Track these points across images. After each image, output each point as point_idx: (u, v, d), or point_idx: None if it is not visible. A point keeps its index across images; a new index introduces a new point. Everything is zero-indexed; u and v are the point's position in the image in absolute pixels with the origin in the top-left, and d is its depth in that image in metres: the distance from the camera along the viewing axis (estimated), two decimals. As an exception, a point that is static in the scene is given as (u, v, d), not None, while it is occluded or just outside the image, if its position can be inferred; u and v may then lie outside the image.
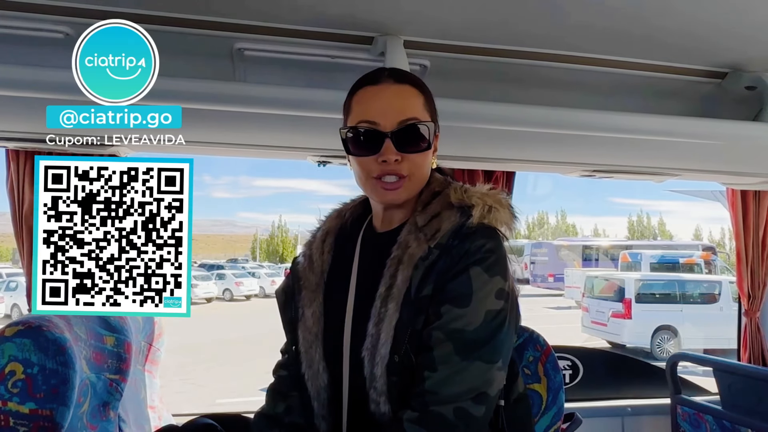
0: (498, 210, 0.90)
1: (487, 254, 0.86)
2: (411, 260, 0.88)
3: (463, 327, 0.83)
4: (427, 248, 0.87)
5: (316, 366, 0.94)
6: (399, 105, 0.90)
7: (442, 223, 0.89)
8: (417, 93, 0.92)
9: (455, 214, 0.90)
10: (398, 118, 0.89)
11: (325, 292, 0.97)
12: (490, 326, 0.84)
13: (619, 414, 2.35)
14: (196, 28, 1.45)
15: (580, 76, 1.71)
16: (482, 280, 0.85)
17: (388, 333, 0.86)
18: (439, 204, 0.92)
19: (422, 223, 0.90)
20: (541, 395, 1.38)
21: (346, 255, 0.98)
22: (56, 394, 1.06)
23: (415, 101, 0.92)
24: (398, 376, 0.86)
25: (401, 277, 0.87)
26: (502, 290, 0.86)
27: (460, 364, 0.82)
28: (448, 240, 0.87)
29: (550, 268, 18.96)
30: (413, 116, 0.90)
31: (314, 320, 0.95)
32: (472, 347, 0.83)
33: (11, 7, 1.36)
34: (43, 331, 1.08)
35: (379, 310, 0.88)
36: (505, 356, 0.87)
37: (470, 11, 1.40)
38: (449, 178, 0.99)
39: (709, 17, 1.43)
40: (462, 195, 0.92)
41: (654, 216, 43.58)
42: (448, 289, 0.85)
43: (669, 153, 1.82)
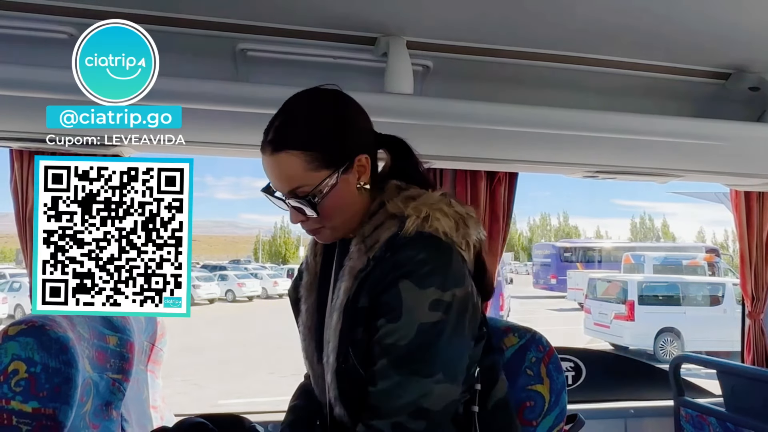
0: (439, 219, 0.88)
1: (418, 266, 0.84)
2: (351, 272, 0.89)
3: (395, 342, 0.83)
4: (366, 259, 0.88)
5: (311, 356, 0.99)
6: (281, 176, 0.89)
7: (381, 234, 0.89)
8: (296, 156, 0.88)
9: (395, 224, 0.88)
10: (286, 188, 0.90)
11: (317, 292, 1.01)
12: (424, 339, 0.83)
13: (622, 416, 2.34)
14: (199, 29, 1.45)
15: (583, 77, 1.71)
16: (413, 293, 0.83)
17: (334, 341, 0.89)
18: (383, 214, 0.91)
19: (367, 234, 0.90)
20: (543, 396, 1.37)
21: (330, 258, 1.00)
22: (59, 393, 1.06)
23: (295, 166, 0.88)
24: (347, 384, 0.88)
25: (343, 288, 0.89)
26: (438, 301, 0.84)
27: (395, 378, 0.82)
28: (382, 251, 0.87)
29: (552, 270, 18.92)
30: (296, 185, 0.88)
31: (308, 315, 1.00)
32: (407, 361, 0.83)
33: (16, 8, 1.37)
34: (46, 330, 1.08)
35: (329, 318, 0.92)
36: (449, 368, 0.85)
37: (473, 12, 1.40)
38: (407, 185, 0.96)
39: (713, 19, 1.43)
40: (400, 205, 0.90)
41: (657, 218, 43.47)
42: (381, 303, 0.85)
43: (672, 154, 1.82)
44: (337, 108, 0.93)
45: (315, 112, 0.92)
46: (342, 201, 0.90)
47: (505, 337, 1.34)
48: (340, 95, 0.96)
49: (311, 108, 0.92)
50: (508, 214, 2.23)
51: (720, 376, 2.21)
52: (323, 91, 0.95)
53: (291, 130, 0.90)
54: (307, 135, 0.89)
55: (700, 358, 2.55)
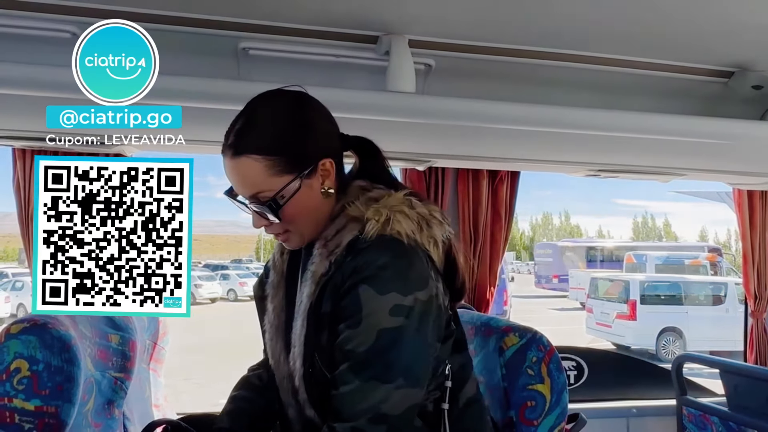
0: (400, 221, 0.86)
1: (378, 270, 0.83)
2: (314, 277, 0.88)
3: (354, 348, 0.83)
4: (328, 264, 0.87)
5: (277, 356, 0.97)
6: (242, 181, 0.88)
7: (342, 238, 0.87)
8: (257, 161, 0.86)
9: (356, 228, 0.87)
10: (247, 193, 0.88)
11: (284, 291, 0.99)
12: (383, 344, 0.82)
13: (624, 415, 2.34)
14: (201, 28, 1.45)
15: (585, 76, 1.71)
16: (372, 299, 0.82)
17: (300, 346, 0.89)
18: (344, 217, 0.89)
19: (329, 237, 0.89)
20: (544, 396, 1.37)
21: (297, 258, 0.99)
22: (61, 391, 1.07)
23: (257, 171, 0.86)
24: (315, 387, 0.88)
25: (306, 293, 0.89)
26: (400, 306, 0.83)
27: (354, 383, 0.82)
28: (342, 255, 0.86)
29: (554, 269, 18.89)
30: (257, 190, 0.87)
31: (275, 315, 0.98)
32: (365, 367, 0.82)
33: (18, 7, 1.37)
34: (49, 329, 1.08)
35: (294, 323, 0.91)
36: (411, 373, 0.84)
37: (475, 10, 1.40)
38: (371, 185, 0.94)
39: (716, 17, 1.43)
40: (361, 207, 0.88)
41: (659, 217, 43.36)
42: (341, 308, 0.85)
43: (675, 152, 1.81)
44: (301, 111, 0.91)
45: (277, 116, 0.89)
46: (305, 206, 0.89)
47: (505, 337, 1.34)
48: (304, 97, 0.93)
49: (274, 111, 0.90)
50: (510, 213, 2.23)
51: (722, 376, 2.20)
52: (286, 93, 0.93)
53: (252, 134, 0.87)
54: (268, 139, 0.87)
55: (702, 357, 2.55)
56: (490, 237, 2.19)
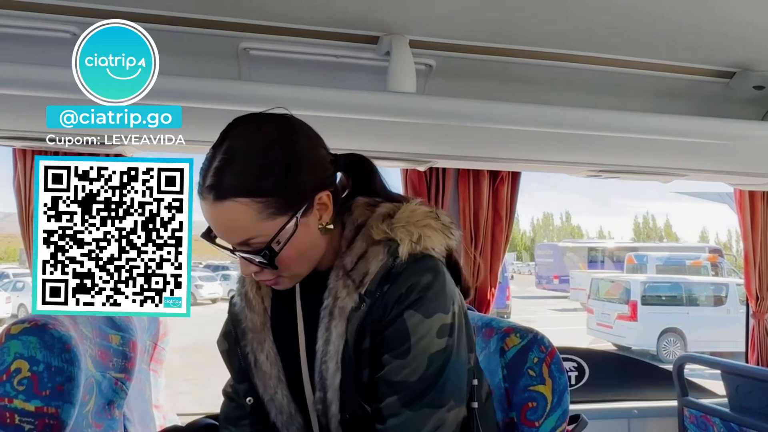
0: (429, 236, 0.82)
1: (422, 293, 0.79)
2: (342, 313, 0.80)
3: (405, 378, 0.78)
4: (358, 297, 0.80)
5: (286, 410, 0.88)
6: (228, 227, 0.78)
7: (369, 265, 0.80)
8: (245, 205, 0.76)
9: (382, 251, 0.80)
10: (236, 240, 0.79)
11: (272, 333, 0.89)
12: (434, 371, 0.79)
13: (626, 416, 2.33)
14: (201, 28, 1.45)
15: (586, 76, 1.70)
16: (419, 325, 0.78)
17: (334, 393, 0.81)
18: (363, 240, 0.82)
19: (350, 267, 0.81)
20: (545, 397, 1.36)
21: (287, 293, 0.89)
22: (62, 391, 1.07)
23: (245, 216, 0.76)
24: (353, 428, 0.82)
25: (336, 332, 0.81)
26: (444, 326, 0.80)
27: (407, 414, 0.77)
28: (378, 286, 0.79)
29: (555, 270, 18.88)
30: (247, 237, 0.77)
31: (270, 363, 0.88)
32: (419, 396, 0.78)
33: (19, 7, 1.37)
34: (49, 329, 1.08)
35: (320, 368, 0.82)
36: (458, 391, 0.82)
37: (476, 10, 1.40)
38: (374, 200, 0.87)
39: (717, 16, 1.42)
40: (386, 229, 0.82)
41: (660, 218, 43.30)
42: (386, 339, 0.79)
43: (676, 153, 1.81)
44: (290, 141, 0.79)
45: (265, 149, 0.78)
46: (303, 247, 0.80)
47: (507, 338, 1.34)
48: (292, 124, 0.82)
49: (260, 144, 0.79)
50: (510, 214, 2.23)
51: (724, 377, 2.20)
52: (270, 120, 0.81)
53: (236, 173, 0.76)
54: (256, 178, 0.76)
55: (703, 358, 2.54)
56: (491, 237, 2.19)
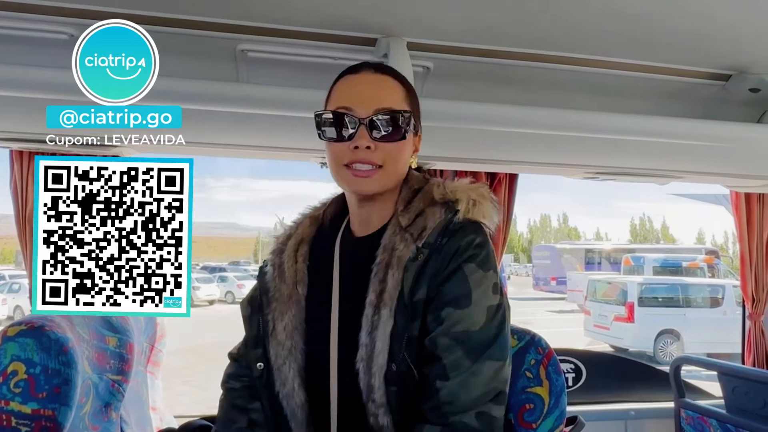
0: (481, 203, 0.88)
1: (477, 249, 0.84)
2: (400, 263, 0.84)
3: (468, 328, 0.81)
4: (415, 248, 0.84)
5: (290, 383, 0.89)
6: (376, 93, 0.87)
7: (427, 221, 0.86)
8: (398, 85, 0.89)
9: (440, 211, 0.87)
10: (375, 105, 0.86)
11: (302, 304, 0.92)
12: (494, 323, 0.83)
13: (623, 417, 2.34)
14: (199, 30, 1.45)
15: (583, 78, 1.71)
16: (478, 277, 0.83)
17: (384, 341, 0.82)
18: (421, 201, 0.89)
19: (406, 223, 0.87)
20: (543, 398, 1.36)
21: (323, 263, 0.93)
22: (58, 394, 1.06)
23: (395, 92, 0.88)
24: (397, 385, 0.82)
25: (392, 282, 0.83)
26: (496, 284, 0.85)
27: (473, 367, 0.80)
28: (437, 238, 0.84)
29: (552, 272, 18.90)
30: (390, 106, 0.86)
31: (287, 334, 0.90)
32: (482, 347, 0.81)
33: (17, 9, 1.37)
34: (46, 331, 1.08)
35: (372, 318, 0.83)
36: (507, 349, 0.85)
37: (473, 13, 1.40)
38: (427, 175, 0.96)
39: (713, 20, 1.43)
40: (445, 190, 0.89)
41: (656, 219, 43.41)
42: (445, 292, 0.82)
43: (673, 155, 1.82)
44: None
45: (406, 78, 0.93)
46: (404, 154, 0.89)
47: (505, 339, 1.34)
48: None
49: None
50: (508, 215, 2.23)
51: (720, 378, 2.20)
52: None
53: (391, 69, 0.91)
54: (405, 79, 0.91)
55: (700, 359, 2.55)
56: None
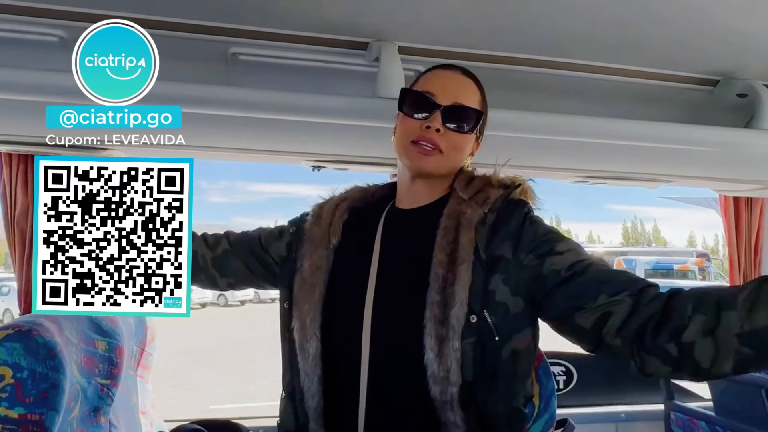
0: (527, 190, 1.00)
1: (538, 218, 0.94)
2: (470, 224, 0.90)
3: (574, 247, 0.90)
4: (482, 213, 0.91)
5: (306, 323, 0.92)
6: (458, 90, 0.97)
7: (489, 194, 0.95)
8: (477, 91, 0.99)
9: (498, 191, 0.96)
10: (455, 98, 0.95)
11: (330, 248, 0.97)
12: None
13: (613, 420, 2.35)
14: (191, 32, 1.45)
15: (573, 83, 1.72)
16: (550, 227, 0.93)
17: (463, 296, 0.85)
18: (480, 182, 0.98)
19: (469, 195, 0.95)
20: (533, 402, 1.37)
21: (361, 223, 1.00)
22: (46, 398, 1.05)
23: (473, 94, 0.98)
24: (476, 336, 0.84)
25: (465, 239, 0.89)
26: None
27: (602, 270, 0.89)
28: (502, 204, 0.93)
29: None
30: (469, 103, 0.96)
31: (311, 271, 0.95)
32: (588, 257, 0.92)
33: (12, 11, 1.36)
34: (33, 336, 1.07)
35: (445, 275, 0.86)
36: None
37: (465, 18, 1.41)
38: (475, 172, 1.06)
39: (701, 25, 1.45)
40: (503, 177, 1.00)
41: (648, 222, 43.64)
42: (528, 240, 0.89)
43: (661, 159, 1.84)
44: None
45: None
46: (464, 148, 0.98)
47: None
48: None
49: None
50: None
51: (709, 380, 2.22)
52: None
53: (476, 77, 1.01)
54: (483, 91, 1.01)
55: (690, 362, 2.56)
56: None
